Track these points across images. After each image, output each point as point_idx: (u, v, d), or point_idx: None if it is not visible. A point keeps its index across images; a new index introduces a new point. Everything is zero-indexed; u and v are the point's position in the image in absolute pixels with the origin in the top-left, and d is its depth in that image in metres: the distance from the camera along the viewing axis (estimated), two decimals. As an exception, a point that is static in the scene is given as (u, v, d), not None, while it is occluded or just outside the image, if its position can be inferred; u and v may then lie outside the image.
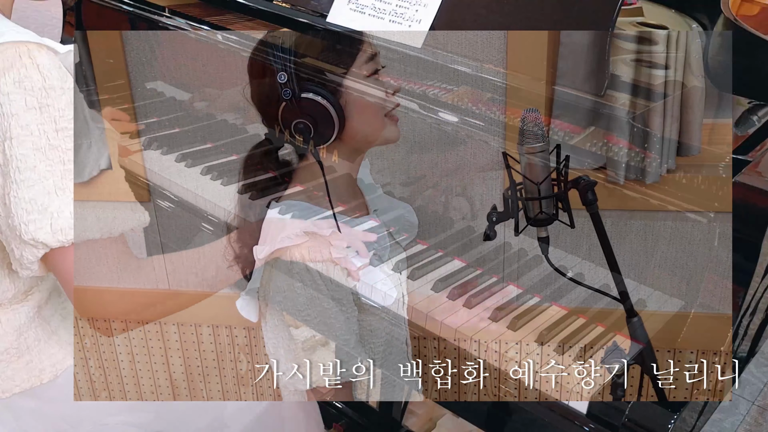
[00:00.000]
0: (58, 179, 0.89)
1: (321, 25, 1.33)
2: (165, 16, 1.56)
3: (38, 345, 1.06)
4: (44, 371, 1.06)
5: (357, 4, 1.30)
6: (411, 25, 1.23)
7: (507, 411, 1.01)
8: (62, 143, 0.89)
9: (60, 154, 0.89)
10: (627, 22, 1.33)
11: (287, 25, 1.40)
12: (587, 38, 1.10)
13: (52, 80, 0.87)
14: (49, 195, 0.89)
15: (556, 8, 1.14)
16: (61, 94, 0.88)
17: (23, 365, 1.05)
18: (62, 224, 0.89)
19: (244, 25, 1.46)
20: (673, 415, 0.86)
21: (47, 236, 0.89)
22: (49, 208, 0.89)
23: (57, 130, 0.88)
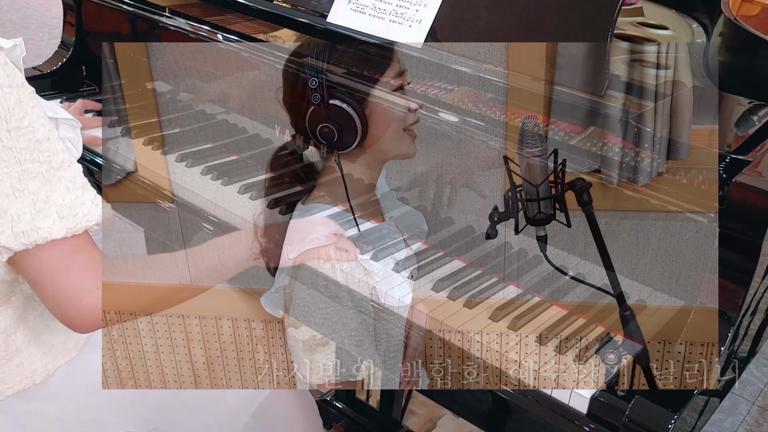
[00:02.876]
0: (15, 181, 0.86)
1: (321, 25, 1.33)
2: (165, 16, 1.56)
3: (28, 347, 1.05)
4: (36, 372, 1.06)
5: (357, 4, 1.30)
6: (411, 25, 1.23)
7: (507, 411, 1.01)
8: (16, 143, 0.86)
9: (15, 155, 0.86)
10: (627, 22, 1.33)
11: (287, 25, 1.40)
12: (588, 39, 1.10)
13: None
14: (8, 197, 0.86)
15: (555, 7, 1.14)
16: (9, 92, 0.85)
17: (14, 367, 1.04)
18: (24, 227, 0.87)
19: (244, 25, 1.46)
20: (673, 415, 0.86)
21: (9, 240, 0.87)
22: (9, 211, 0.86)
23: (9, 131, 0.85)
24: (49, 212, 0.89)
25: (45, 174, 0.89)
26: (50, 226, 0.88)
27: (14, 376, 1.04)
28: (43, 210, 0.88)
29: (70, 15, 1.80)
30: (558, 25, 1.14)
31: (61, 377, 1.08)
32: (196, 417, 1.20)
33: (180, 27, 1.53)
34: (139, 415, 1.14)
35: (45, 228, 0.88)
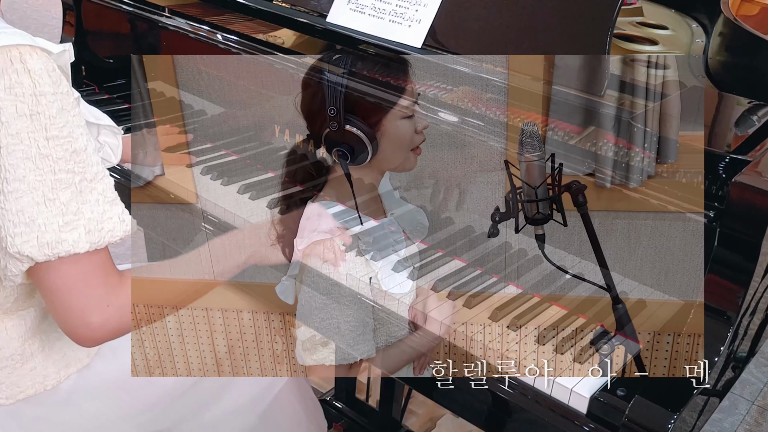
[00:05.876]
0: (48, 190, 0.86)
1: (320, 25, 1.33)
2: (165, 15, 1.56)
3: (43, 352, 1.05)
4: (48, 377, 1.05)
5: (357, 4, 1.30)
6: (411, 25, 1.23)
7: (507, 411, 1.01)
8: (53, 152, 0.86)
9: (51, 164, 0.86)
10: (627, 22, 1.33)
11: (287, 25, 1.41)
12: (587, 38, 1.10)
13: (43, 86, 0.84)
14: (38, 206, 0.86)
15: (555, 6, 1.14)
16: (53, 100, 0.85)
17: (27, 371, 1.04)
18: (49, 238, 0.86)
19: (244, 25, 1.46)
20: (673, 415, 0.86)
21: (33, 250, 0.86)
22: (37, 221, 0.86)
23: (48, 138, 0.85)
24: (77, 224, 0.88)
25: (78, 185, 0.88)
26: (76, 239, 0.88)
27: (27, 381, 1.04)
28: (72, 222, 0.88)
29: (70, 15, 1.80)
30: (558, 25, 1.14)
31: (72, 384, 1.08)
32: (199, 418, 1.20)
33: (179, 27, 1.53)
34: (146, 421, 1.14)
35: (70, 241, 0.87)
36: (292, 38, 1.39)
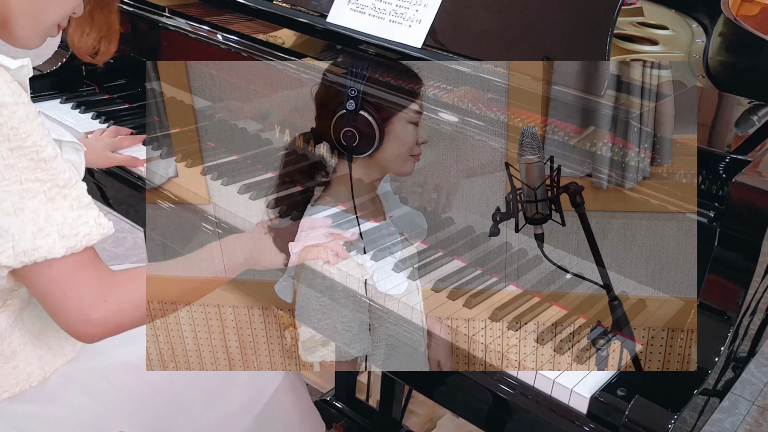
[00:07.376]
0: (16, 199, 0.87)
1: (321, 25, 1.33)
2: (165, 16, 1.56)
3: (24, 349, 1.05)
4: (33, 374, 1.05)
5: (357, 4, 1.30)
6: (411, 25, 1.23)
7: (507, 411, 1.01)
8: (18, 162, 0.86)
9: (17, 174, 0.86)
10: (627, 22, 1.33)
11: (287, 25, 1.41)
12: (587, 39, 1.10)
13: (3, 97, 0.84)
14: (8, 216, 0.86)
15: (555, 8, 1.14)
16: (14, 111, 0.85)
17: (10, 370, 1.04)
18: (24, 246, 0.87)
19: (245, 25, 1.46)
20: (673, 415, 0.86)
21: (10, 259, 0.88)
22: (10, 230, 0.87)
23: (11, 149, 0.85)
24: (50, 230, 0.89)
25: (47, 193, 0.89)
26: (50, 245, 0.89)
27: (10, 379, 1.04)
28: (44, 228, 0.89)
29: (70, 15, 1.80)
30: (558, 24, 1.14)
31: (59, 379, 1.08)
32: (197, 419, 1.20)
33: (180, 27, 1.53)
34: (137, 418, 1.14)
35: (45, 247, 0.89)
36: (292, 38, 1.40)
